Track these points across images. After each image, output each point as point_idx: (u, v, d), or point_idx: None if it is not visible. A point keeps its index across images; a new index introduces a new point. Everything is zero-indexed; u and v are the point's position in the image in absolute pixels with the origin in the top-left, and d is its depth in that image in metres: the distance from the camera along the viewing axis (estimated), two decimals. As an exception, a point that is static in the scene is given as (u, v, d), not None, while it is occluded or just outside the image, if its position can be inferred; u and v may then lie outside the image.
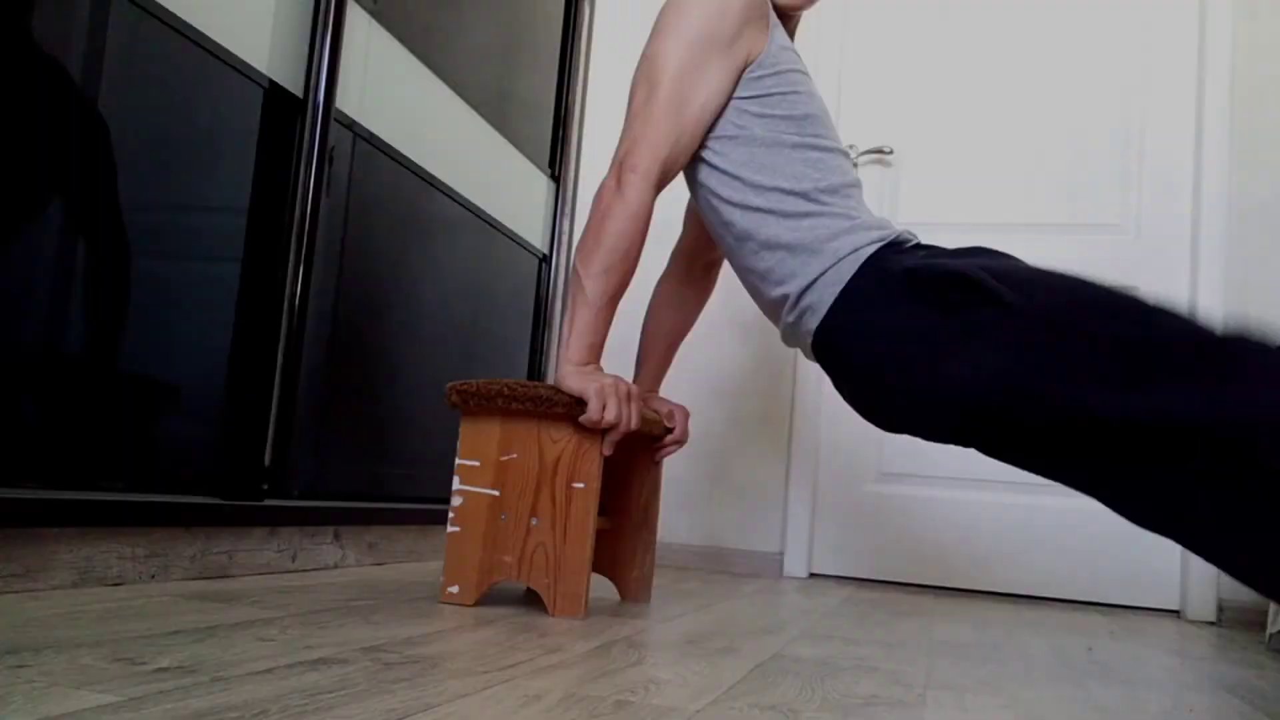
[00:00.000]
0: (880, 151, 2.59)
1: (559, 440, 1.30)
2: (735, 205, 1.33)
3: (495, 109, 2.27)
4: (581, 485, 1.29)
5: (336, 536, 1.70)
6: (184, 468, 1.41)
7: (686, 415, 1.57)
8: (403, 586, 1.48)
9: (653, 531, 1.58)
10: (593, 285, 1.28)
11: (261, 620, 1.04)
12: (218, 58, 1.43)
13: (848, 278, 1.27)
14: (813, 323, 1.29)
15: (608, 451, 1.30)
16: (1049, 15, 2.55)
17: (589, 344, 1.29)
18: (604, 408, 1.25)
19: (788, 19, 1.46)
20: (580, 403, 1.27)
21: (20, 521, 1.08)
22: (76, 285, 1.22)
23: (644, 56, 1.35)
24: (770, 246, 1.31)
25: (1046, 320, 1.15)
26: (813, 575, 2.52)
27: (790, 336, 1.37)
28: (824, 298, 1.28)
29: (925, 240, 1.39)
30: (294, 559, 1.58)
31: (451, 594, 1.31)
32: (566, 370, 1.28)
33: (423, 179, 1.98)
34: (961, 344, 1.19)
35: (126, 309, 1.30)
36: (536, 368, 2.53)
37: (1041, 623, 1.81)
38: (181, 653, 0.83)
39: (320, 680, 0.77)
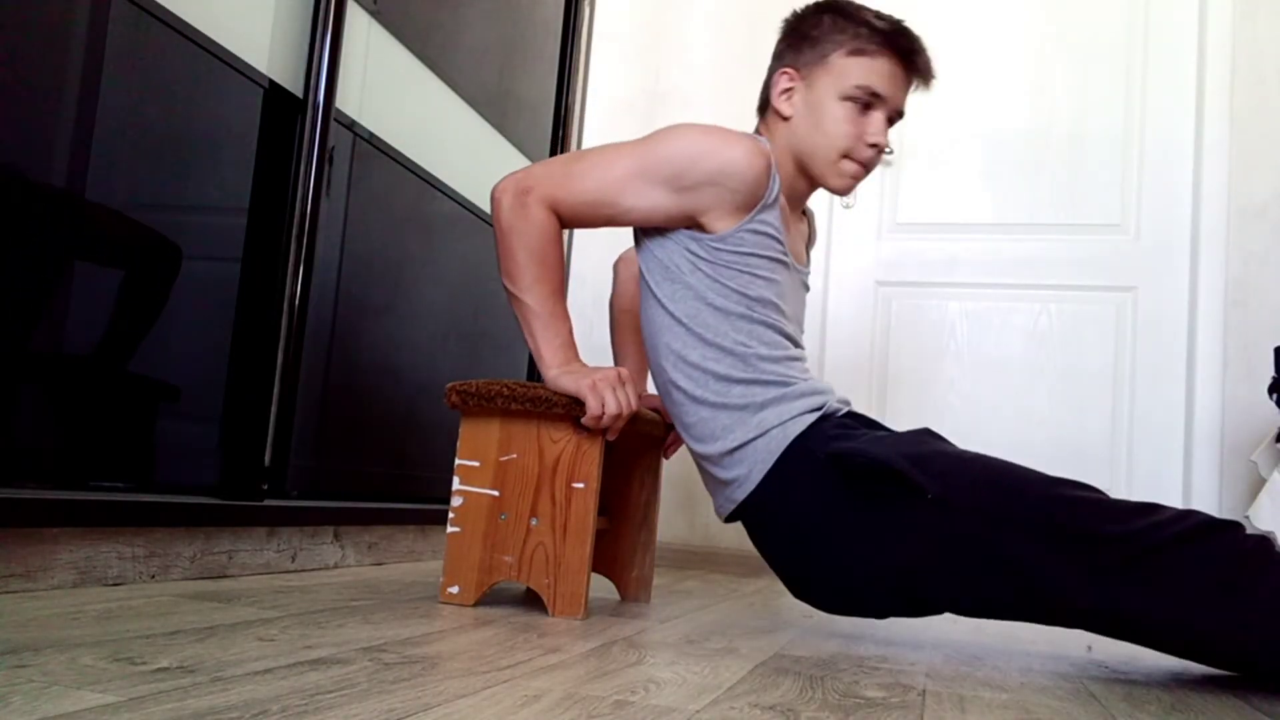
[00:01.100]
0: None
1: (559, 440, 1.30)
2: (673, 351, 1.33)
3: (495, 109, 2.27)
4: (581, 485, 1.29)
5: (336, 536, 1.70)
6: (184, 468, 1.41)
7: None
8: (403, 586, 1.48)
9: (653, 531, 1.58)
10: (531, 297, 1.28)
11: (261, 620, 1.04)
12: (218, 58, 1.43)
13: (775, 456, 1.28)
14: (739, 495, 1.31)
15: (611, 437, 1.30)
16: (1049, 15, 2.55)
17: (559, 345, 1.29)
18: (602, 402, 1.25)
19: (798, 198, 1.43)
20: (579, 402, 1.26)
21: (20, 521, 1.08)
22: (77, 285, 1.22)
23: (625, 142, 1.32)
24: (697, 401, 1.32)
25: (968, 513, 1.19)
26: (813, 575, 2.51)
27: (711, 490, 1.38)
28: (751, 474, 1.29)
29: (922, 236, 1.39)
30: (294, 559, 1.58)
31: (451, 594, 1.31)
32: (553, 374, 1.28)
33: (423, 179, 1.98)
34: (882, 536, 1.23)
35: (124, 309, 1.30)
36: (536, 368, 2.53)
37: (1041, 623, 1.81)
38: (181, 653, 0.83)
39: (320, 680, 0.77)
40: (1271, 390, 2.04)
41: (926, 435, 1.30)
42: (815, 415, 1.30)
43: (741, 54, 1.50)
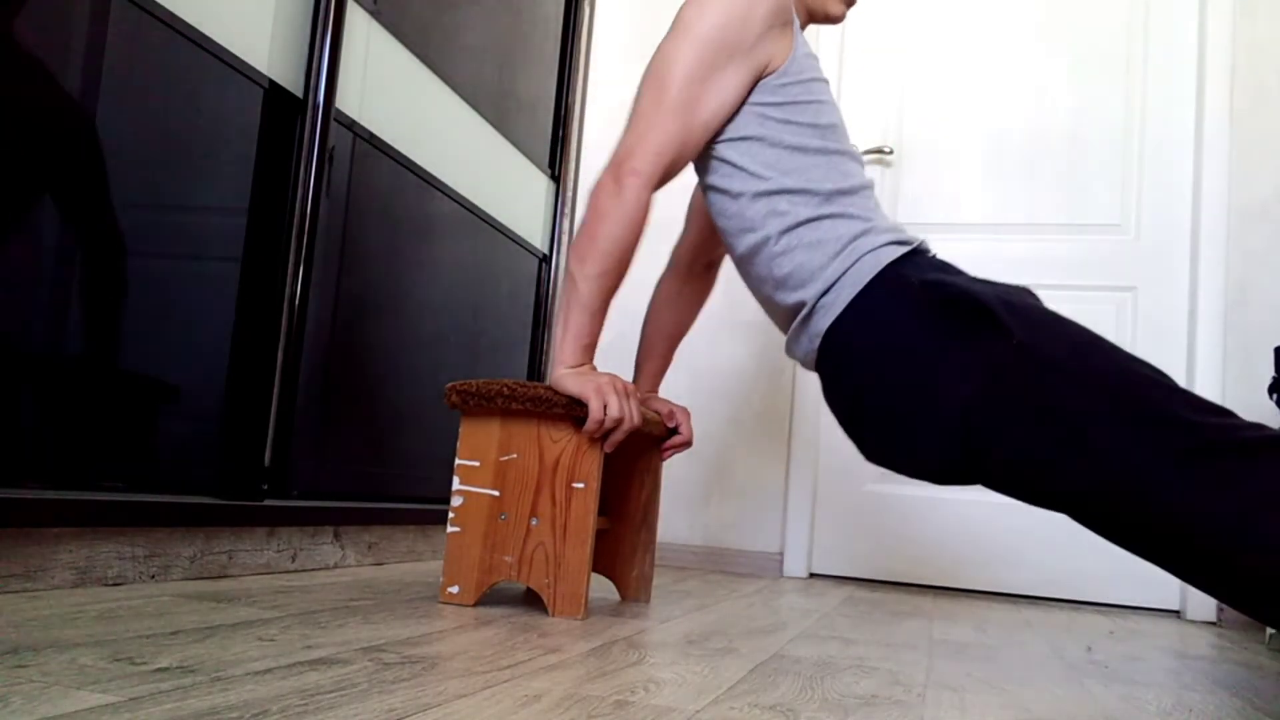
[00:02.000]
0: (880, 151, 2.59)
1: (559, 440, 1.30)
2: (759, 199, 1.31)
3: (495, 109, 2.27)
4: (581, 485, 1.29)
5: (336, 536, 1.70)
6: (184, 468, 1.41)
7: (688, 415, 1.57)
8: (403, 586, 1.48)
9: (653, 531, 1.58)
10: (588, 287, 1.27)
11: (261, 620, 1.04)
12: (218, 58, 1.43)
13: (866, 279, 1.25)
14: (824, 322, 1.28)
15: (608, 449, 1.30)
16: (1049, 15, 2.55)
17: (583, 345, 1.29)
18: (605, 406, 1.25)
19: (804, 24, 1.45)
20: (580, 403, 1.26)
21: (20, 521, 1.08)
22: (76, 285, 1.22)
23: (659, 53, 1.31)
24: (790, 249, 1.30)
25: (1050, 364, 1.15)
26: (813, 575, 2.52)
27: (795, 341, 1.35)
28: (840, 298, 1.26)
29: (922, 236, 1.39)
30: (294, 559, 1.58)
31: (451, 594, 1.31)
32: (561, 373, 1.28)
33: (423, 179, 1.98)
34: (961, 371, 1.19)
35: (124, 309, 1.30)
36: (536, 368, 2.53)
37: (1041, 623, 1.81)
38: (181, 653, 0.83)
39: (320, 680, 0.77)
40: (1271, 390, 2.04)
41: (1025, 291, 1.27)
42: (908, 248, 1.28)
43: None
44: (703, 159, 1.36)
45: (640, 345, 1.66)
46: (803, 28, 1.44)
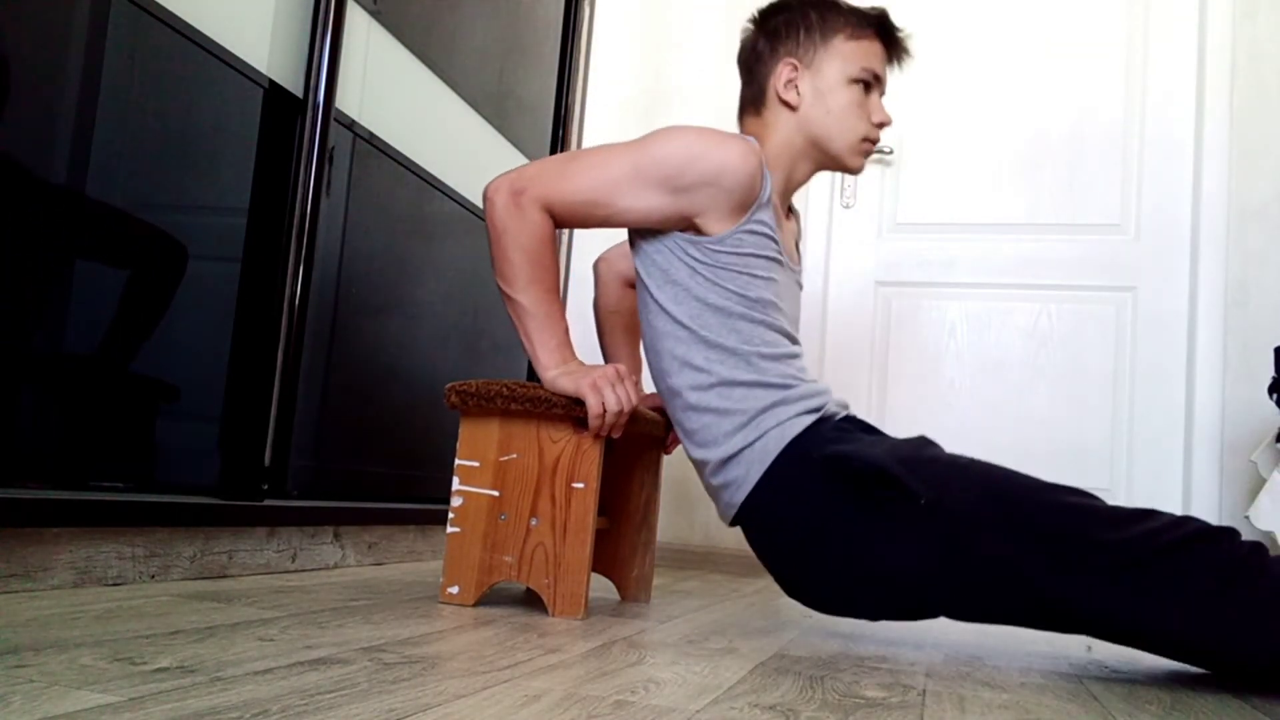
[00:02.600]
0: (880, 151, 2.59)
1: (559, 440, 1.30)
2: (680, 346, 1.32)
3: (495, 109, 2.27)
4: (581, 485, 1.29)
5: (336, 536, 1.70)
6: (184, 468, 1.41)
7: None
8: (403, 586, 1.48)
9: (653, 531, 1.58)
10: (526, 297, 1.27)
11: (261, 620, 1.04)
12: (218, 58, 1.43)
13: (771, 457, 1.28)
14: (738, 497, 1.31)
15: (617, 434, 1.30)
16: (1049, 15, 2.55)
17: (556, 346, 1.29)
18: (603, 400, 1.25)
19: (789, 193, 1.45)
20: (578, 403, 1.26)
21: (20, 521, 1.08)
22: (77, 285, 1.22)
23: (619, 144, 1.32)
24: (698, 407, 1.32)
25: (963, 517, 1.19)
26: (813, 575, 2.51)
27: (712, 496, 1.38)
28: (748, 475, 1.30)
29: (922, 236, 1.39)
30: (294, 559, 1.58)
31: (451, 594, 1.31)
32: (551, 375, 1.28)
33: (423, 179, 1.98)
34: (875, 540, 1.23)
35: (124, 309, 1.30)
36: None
37: (1041, 623, 1.81)
38: (181, 653, 0.83)
39: (320, 680, 0.77)
40: (1271, 390, 2.04)
41: (923, 442, 1.30)
42: (813, 418, 1.30)
43: (741, 54, 1.52)
44: (640, 281, 1.37)
45: (600, 339, 1.65)
46: (793, 190, 1.44)
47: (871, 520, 1.23)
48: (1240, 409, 2.27)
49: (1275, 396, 2.03)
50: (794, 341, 1.38)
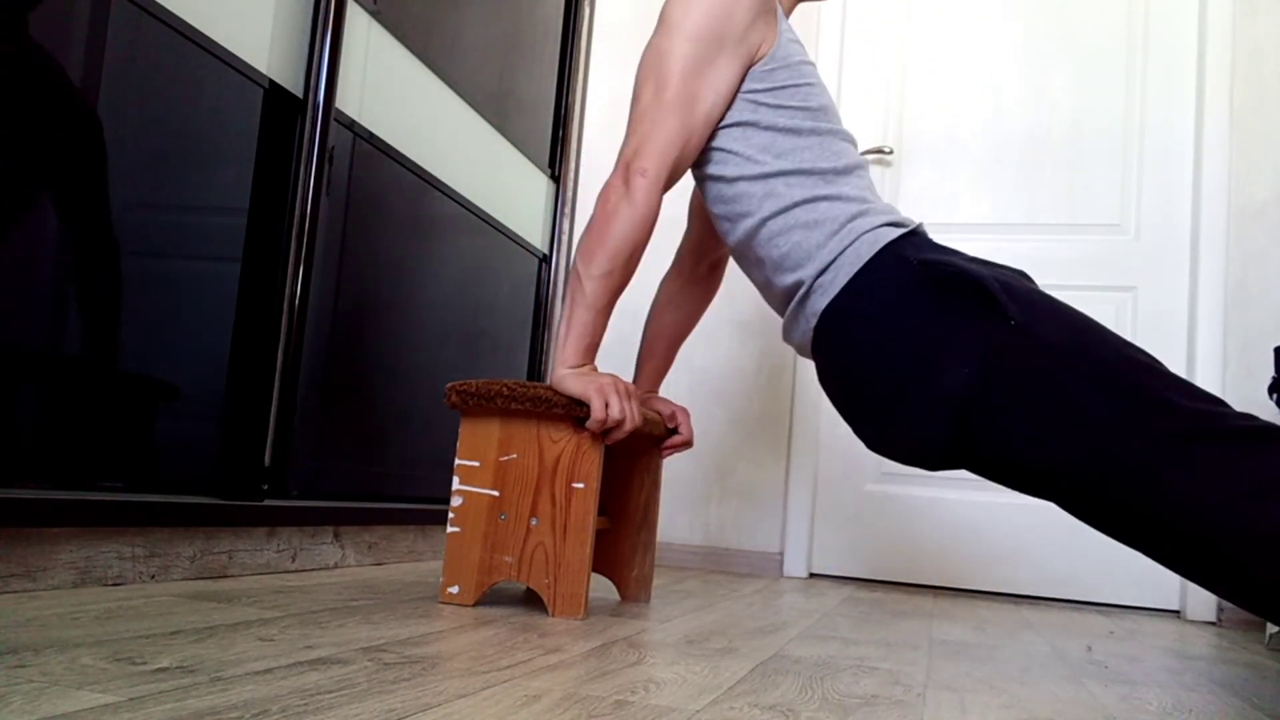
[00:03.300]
0: (880, 151, 2.59)
1: (559, 440, 1.30)
2: (754, 183, 1.31)
3: (495, 109, 2.27)
4: (581, 485, 1.29)
5: (336, 536, 1.70)
6: (184, 468, 1.41)
7: (688, 415, 1.57)
8: (403, 586, 1.48)
9: (653, 531, 1.58)
10: (593, 287, 1.27)
11: (261, 620, 1.04)
12: (218, 58, 1.43)
13: (865, 259, 1.25)
14: (821, 302, 1.27)
15: (607, 442, 1.29)
16: (1049, 15, 2.55)
17: (586, 346, 1.29)
18: (606, 406, 1.25)
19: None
20: (580, 404, 1.26)
21: (20, 521, 1.08)
22: (76, 285, 1.22)
23: (650, 51, 1.32)
24: (787, 229, 1.29)
25: (1046, 347, 1.15)
26: (813, 575, 2.52)
27: (792, 324, 1.34)
28: (838, 278, 1.26)
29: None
30: (294, 559, 1.58)
31: (451, 594, 1.31)
32: (562, 373, 1.28)
33: (423, 179, 1.98)
34: (958, 353, 1.19)
35: (124, 309, 1.30)
36: (536, 368, 2.53)
37: (1041, 623, 1.81)
38: (181, 653, 0.83)
39: (320, 680, 0.77)
40: (1271, 390, 2.04)
41: (1022, 274, 1.28)
42: (905, 229, 1.28)
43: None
44: (708, 174, 1.36)
45: (641, 345, 1.66)
46: (788, 12, 1.45)
47: (957, 331, 1.19)
48: (1240, 409, 2.27)
49: (1275, 396, 2.03)
50: (855, 145, 1.38)
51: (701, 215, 1.61)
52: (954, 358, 1.19)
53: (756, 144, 1.31)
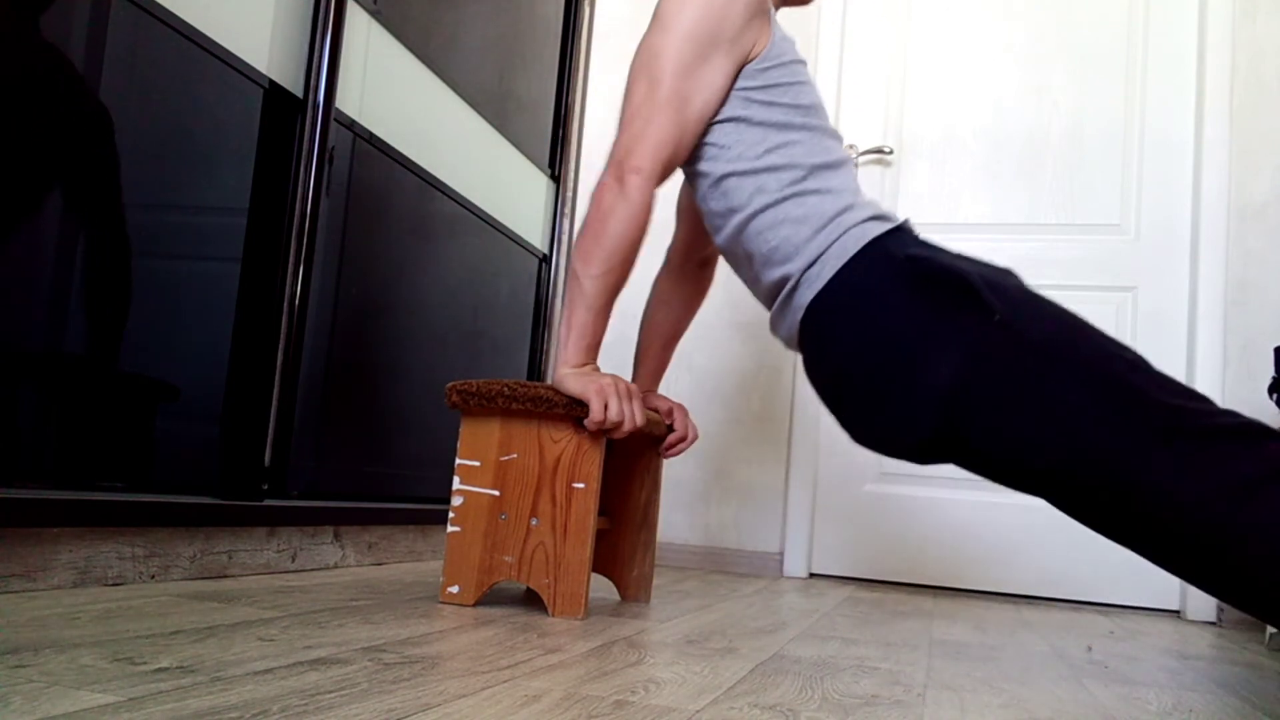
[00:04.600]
0: (880, 151, 2.59)
1: (559, 440, 1.30)
2: (744, 178, 1.31)
3: (495, 109, 2.27)
4: (581, 485, 1.29)
5: (336, 536, 1.70)
6: (184, 468, 1.41)
7: (685, 413, 1.57)
8: (403, 586, 1.48)
9: (653, 531, 1.58)
10: (592, 286, 1.27)
11: (261, 620, 1.04)
12: (218, 58, 1.43)
13: (851, 253, 1.26)
14: (807, 296, 1.27)
15: (608, 436, 1.30)
16: (1048, 15, 2.55)
17: (587, 345, 1.29)
18: (605, 407, 1.25)
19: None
20: (580, 404, 1.26)
21: (20, 521, 1.08)
22: (77, 285, 1.22)
23: (643, 49, 1.32)
24: (775, 223, 1.29)
25: (1031, 344, 1.16)
26: (813, 575, 2.52)
27: (779, 318, 1.34)
28: (824, 272, 1.26)
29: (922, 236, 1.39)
30: (294, 559, 1.58)
31: (451, 594, 1.31)
32: (564, 373, 1.28)
33: (423, 179, 1.98)
34: (942, 348, 1.19)
35: (127, 309, 1.30)
36: (536, 368, 2.53)
37: (1041, 623, 1.81)
38: (181, 653, 0.83)
39: (320, 680, 0.77)
40: (1271, 390, 2.04)
41: (1007, 271, 1.28)
42: (891, 224, 1.29)
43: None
44: (696, 169, 1.36)
45: (638, 346, 1.66)
46: (776, 8, 1.46)
47: (942, 327, 1.19)
48: (1240, 409, 2.27)
49: (1275, 396, 2.03)
50: (842, 143, 1.38)
51: (689, 214, 1.61)
52: (938, 353, 1.19)
53: (746, 139, 1.31)
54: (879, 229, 1.27)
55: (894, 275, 1.23)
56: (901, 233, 1.29)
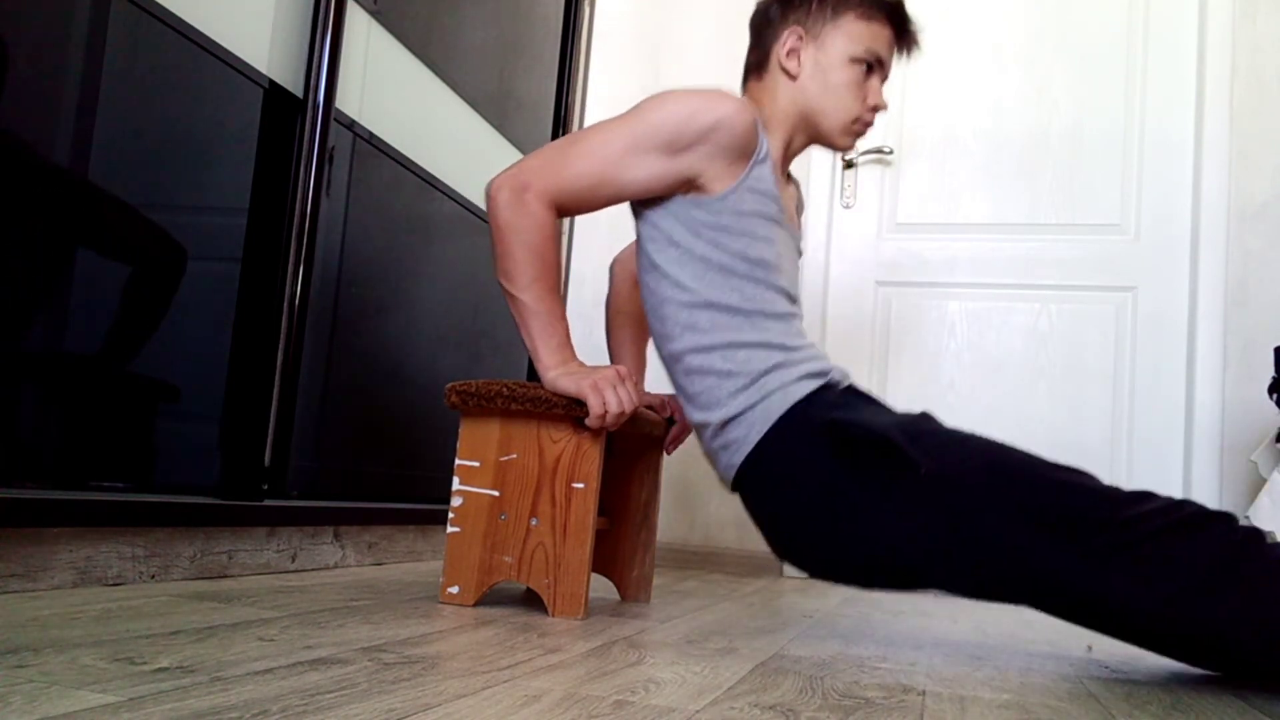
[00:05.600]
0: (880, 151, 2.59)
1: (559, 440, 1.30)
2: (680, 309, 1.32)
3: (495, 109, 2.27)
4: (581, 485, 1.29)
5: (336, 536, 1.70)
6: (184, 468, 1.41)
7: (680, 404, 1.56)
8: (403, 586, 1.48)
9: (653, 531, 1.58)
10: (529, 295, 1.27)
11: (261, 620, 1.04)
12: (218, 58, 1.43)
13: (773, 419, 1.28)
14: (737, 458, 1.31)
15: (613, 427, 1.30)
16: (1049, 15, 2.55)
17: (558, 344, 1.29)
18: (604, 401, 1.25)
19: (787, 159, 1.45)
20: (579, 403, 1.26)
21: (20, 521, 1.08)
22: (77, 286, 1.22)
23: (612, 119, 1.32)
24: (701, 370, 1.32)
25: (963, 489, 1.19)
26: (813, 575, 2.51)
27: (713, 460, 1.38)
28: (748, 436, 1.30)
29: (922, 236, 1.39)
30: (294, 559, 1.58)
31: (451, 594, 1.31)
32: (551, 376, 1.28)
33: (423, 179, 1.98)
34: (872, 508, 1.23)
35: (127, 309, 1.30)
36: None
37: (1041, 623, 1.81)
38: (181, 653, 0.83)
39: (320, 680, 0.77)
40: (1271, 390, 2.04)
41: (925, 417, 1.30)
42: (817, 383, 1.30)
43: (741, 54, 1.50)
44: (642, 249, 1.37)
45: (608, 339, 1.64)
46: (791, 157, 1.44)
47: (870, 488, 1.23)
48: (1240, 409, 2.27)
49: (1275, 396, 2.03)
50: (794, 301, 1.38)
51: (629, 274, 1.63)
52: (867, 515, 1.23)
53: (689, 271, 1.32)
54: (805, 389, 1.29)
55: (817, 442, 1.26)
56: (829, 391, 1.31)
